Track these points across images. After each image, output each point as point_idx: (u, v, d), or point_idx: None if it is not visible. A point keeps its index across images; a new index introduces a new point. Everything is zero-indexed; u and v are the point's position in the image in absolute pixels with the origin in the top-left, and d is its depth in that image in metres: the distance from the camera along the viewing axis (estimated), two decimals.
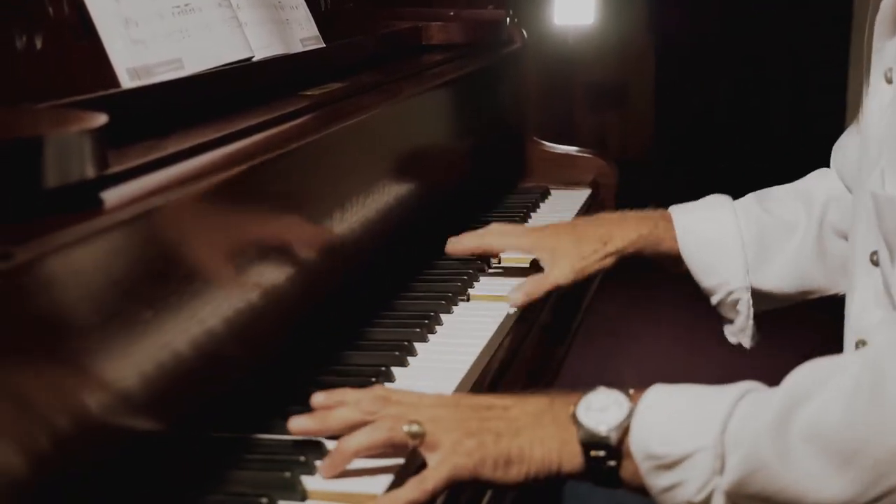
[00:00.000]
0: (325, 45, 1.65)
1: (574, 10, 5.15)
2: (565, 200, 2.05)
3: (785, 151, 5.03)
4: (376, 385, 1.07)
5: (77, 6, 1.19)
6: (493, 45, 2.15)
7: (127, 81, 1.19)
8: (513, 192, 2.10)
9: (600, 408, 0.98)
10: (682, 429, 0.93)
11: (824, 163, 1.54)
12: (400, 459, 1.01)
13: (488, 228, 1.56)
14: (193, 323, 1.02)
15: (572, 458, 0.98)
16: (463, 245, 1.54)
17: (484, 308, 1.45)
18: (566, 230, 1.53)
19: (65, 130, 0.85)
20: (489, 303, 1.47)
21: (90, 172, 0.86)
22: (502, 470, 0.98)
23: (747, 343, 1.51)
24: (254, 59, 1.42)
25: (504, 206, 1.98)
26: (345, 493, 0.96)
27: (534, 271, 1.52)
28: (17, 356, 0.78)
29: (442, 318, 1.39)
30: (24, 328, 0.79)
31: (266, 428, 1.06)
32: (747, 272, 1.47)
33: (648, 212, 1.54)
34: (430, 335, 1.33)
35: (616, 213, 1.56)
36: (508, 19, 2.21)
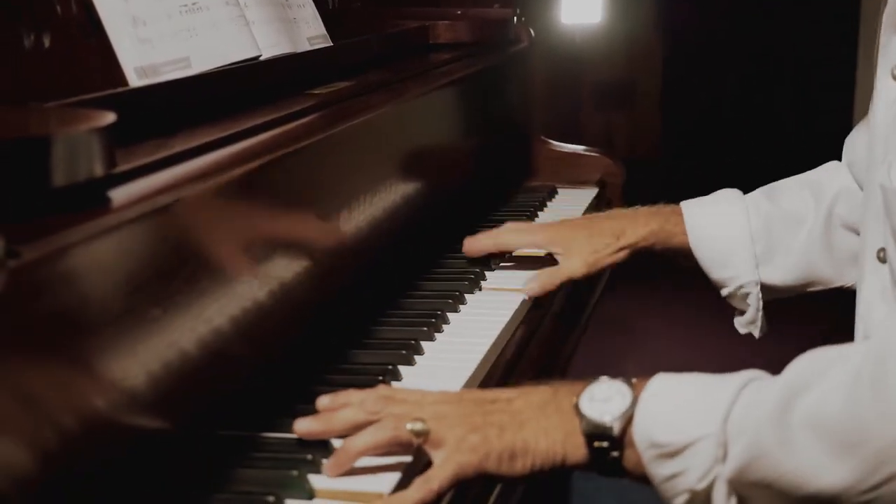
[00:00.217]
0: (332, 43, 1.66)
1: (581, 8, 5.15)
2: (572, 199, 2.05)
3: (792, 149, 5.02)
4: (380, 385, 1.07)
5: (85, 5, 1.19)
6: (501, 44, 2.15)
7: (135, 80, 1.19)
8: (519, 190, 2.10)
9: (604, 398, 0.98)
10: (685, 417, 0.93)
11: (831, 159, 1.54)
12: (407, 457, 1.01)
13: (503, 227, 1.59)
14: (201, 321, 1.02)
15: (576, 449, 0.98)
16: (479, 245, 1.58)
17: (492, 306, 1.45)
18: (580, 225, 1.56)
19: (73, 129, 0.85)
20: (497, 301, 1.47)
21: (98, 171, 0.86)
22: (507, 463, 0.98)
23: (757, 333, 1.53)
24: (261, 58, 1.42)
25: (511, 205, 1.98)
26: (352, 491, 0.96)
27: (549, 264, 1.54)
28: (25, 354, 0.78)
29: (449, 316, 1.39)
30: (32, 326, 0.79)
31: (273, 426, 1.06)
32: (756, 266, 1.49)
33: (660, 207, 1.57)
34: (437, 334, 1.33)
35: (629, 209, 1.59)
36: (515, 18, 2.21)
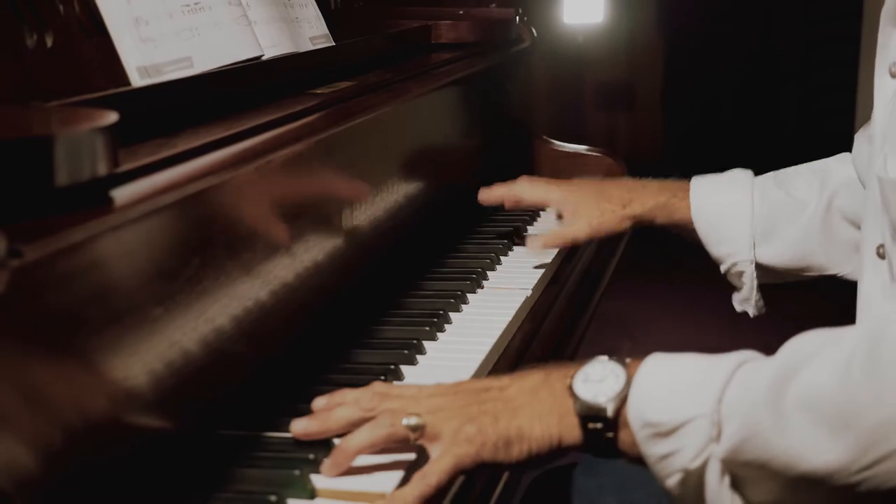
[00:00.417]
0: (334, 43, 1.66)
1: (583, 8, 5.15)
2: None
3: (795, 150, 5.01)
4: (375, 382, 1.08)
5: (87, 5, 1.19)
6: (503, 44, 2.15)
7: (137, 80, 1.19)
8: None
9: (598, 379, 0.97)
10: (680, 397, 0.93)
11: None
12: (410, 455, 1.01)
13: (519, 179, 1.66)
14: (202, 321, 1.02)
15: (571, 430, 0.97)
16: (494, 194, 1.66)
17: (494, 305, 1.45)
18: (591, 187, 1.62)
19: (75, 129, 0.85)
20: (499, 300, 1.47)
21: (101, 170, 0.86)
22: (504, 451, 0.97)
23: (752, 312, 1.57)
24: (263, 58, 1.42)
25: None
26: (354, 491, 0.96)
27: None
28: (28, 353, 0.78)
29: (451, 316, 1.39)
30: (34, 326, 0.79)
31: (275, 426, 1.06)
32: (753, 245, 1.52)
33: (671, 181, 1.61)
34: (439, 333, 1.33)
35: (639, 180, 1.63)
36: (517, 18, 2.21)
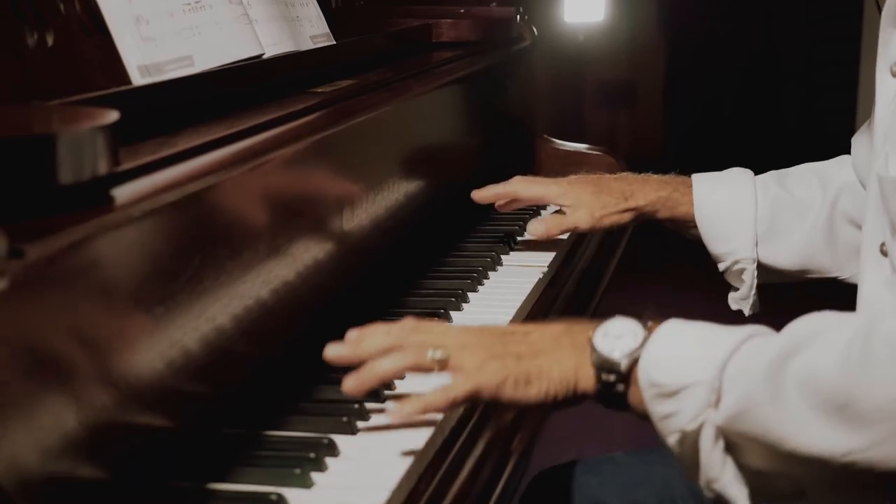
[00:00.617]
0: (335, 42, 1.66)
1: (584, 7, 5.15)
2: None
3: (796, 148, 5.01)
4: (407, 317, 1.13)
5: (88, 4, 1.19)
6: (503, 43, 2.15)
7: (138, 79, 1.19)
8: None
9: (617, 335, 1.02)
10: (686, 362, 0.97)
11: (833, 158, 1.55)
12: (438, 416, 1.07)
13: (514, 178, 1.64)
14: (203, 320, 1.02)
15: (586, 379, 1.03)
16: (488, 193, 1.63)
17: (494, 304, 1.45)
18: (591, 181, 1.61)
19: (76, 127, 0.85)
20: (501, 298, 1.47)
21: (101, 169, 0.86)
22: (523, 388, 1.02)
23: (747, 311, 1.56)
24: (264, 57, 1.42)
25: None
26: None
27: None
28: (28, 352, 0.78)
29: (452, 315, 1.39)
30: (35, 324, 0.79)
31: (276, 425, 1.06)
32: (755, 244, 1.51)
33: (672, 176, 1.60)
34: None
35: (640, 174, 1.62)
36: (518, 17, 2.21)
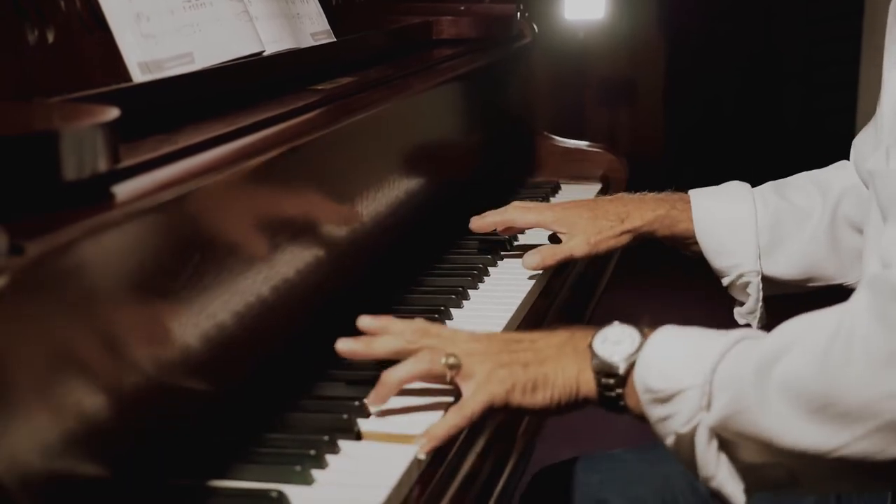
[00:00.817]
0: (335, 39, 1.66)
1: (584, 4, 5.15)
2: (575, 195, 2.04)
3: (796, 148, 5.02)
4: (417, 318, 1.16)
5: (89, 1, 1.19)
6: (504, 40, 2.15)
7: (138, 76, 1.19)
8: (523, 186, 2.10)
9: (615, 340, 1.06)
10: (678, 368, 1.00)
11: (835, 160, 1.55)
12: (449, 398, 1.10)
13: (510, 205, 1.62)
14: (204, 317, 1.02)
15: (588, 384, 1.06)
16: (486, 221, 1.61)
17: (495, 302, 1.45)
18: (585, 206, 1.59)
19: (77, 125, 0.85)
20: (501, 297, 1.47)
21: (102, 166, 0.86)
22: (530, 395, 1.06)
23: (755, 325, 1.55)
24: (264, 54, 1.42)
25: (514, 201, 1.97)
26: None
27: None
28: (29, 350, 0.78)
29: (452, 312, 1.39)
30: (35, 322, 0.79)
31: (277, 422, 1.06)
32: (759, 257, 1.50)
33: (668, 194, 1.59)
34: None
35: (636, 194, 1.60)
36: (519, 14, 2.21)
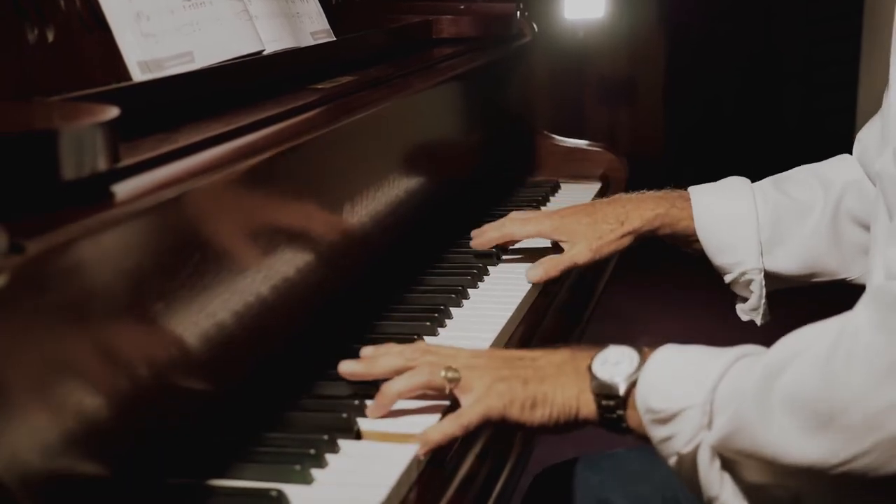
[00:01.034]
0: (335, 38, 1.66)
1: (584, 4, 5.15)
2: (575, 194, 2.05)
3: (796, 147, 5.02)
4: (419, 341, 1.18)
5: (88, 0, 1.19)
6: (504, 39, 2.15)
7: (138, 75, 1.19)
8: (523, 185, 2.10)
9: (614, 361, 1.06)
10: (679, 387, 1.00)
11: (834, 156, 1.54)
12: (445, 402, 1.09)
13: (508, 217, 1.61)
14: (203, 316, 1.02)
15: (587, 405, 1.06)
16: (486, 238, 1.61)
17: (495, 301, 1.45)
18: (584, 211, 1.58)
19: (77, 124, 0.85)
20: (500, 296, 1.47)
21: (102, 165, 0.86)
22: (528, 411, 1.06)
23: (759, 321, 1.54)
24: (264, 53, 1.42)
25: (514, 200, 1.98)
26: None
27: (553, 251, 1.56)
28: (29, 349, 0.78)
29: (452, 311, 1.39)
30: (35, 320, 0.79)
31: (276, 421, 1.06)
32: (761, 253, 1.49)
33: (667, 192, 1.58)
34: (440, 328, 1.34)
35: (635, 194, 1.60)
36: (519, 13, 2.21)
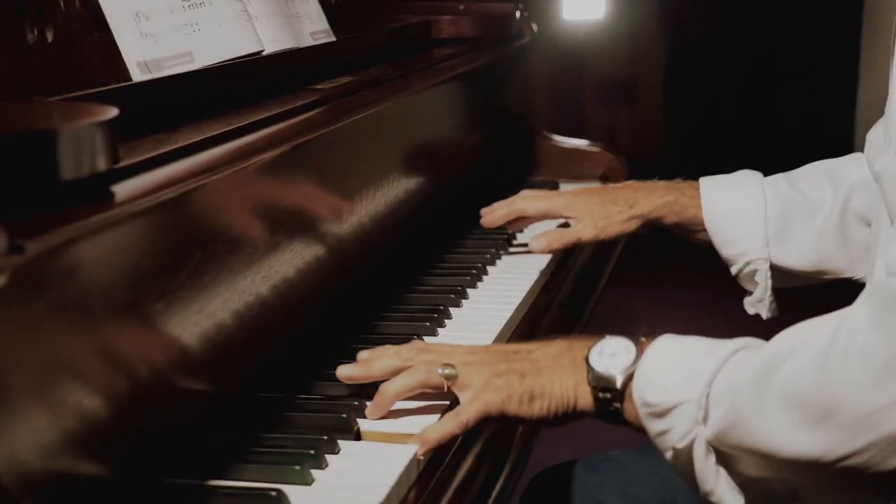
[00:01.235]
0: (335, 38, 1.66)
1: (584, 4, 5.15)
2: None
3: (796, 147, 5.01)
4: (414, 340, 1.17)
5: (88, 0, 1.19)
6: (503, 40, 2.15)
7: (138, 75, 1.19)
8: (522, 186, 2.09)
9: (611, 353, 1.05)
10: (674, 381, 1.00)
11: (834, 157, 1.54)
12: (444, 402, 1.09)
13: (518, 194, 1.63)
14: (203, 316, 1.02)
15: (584, 397, 1.06)
16: (496, 215, 1.62)
17: (494, 301, 1.45)
18: (594, 192, 1.60)
19: (76, 124, 0.85)
20: (500, 296, 1.47)
21: (101, 165, 0.86)
22: (527, 405, 1.06)
23: (765, 314, 1.54)
24: (264, 53, 1.42)
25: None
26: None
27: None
28: (29, 348, 0.78)
29: (451, 311, 1.39)
30: (35, 320, 0.79)
31: (275, 422, 1.06)
32: (767, 244, 1.49)
33: (678, 181, 1.59)
34: (439, 329, 1.34)
35: (646, 182, 1.61)
36: (518, 13, 2.21)
